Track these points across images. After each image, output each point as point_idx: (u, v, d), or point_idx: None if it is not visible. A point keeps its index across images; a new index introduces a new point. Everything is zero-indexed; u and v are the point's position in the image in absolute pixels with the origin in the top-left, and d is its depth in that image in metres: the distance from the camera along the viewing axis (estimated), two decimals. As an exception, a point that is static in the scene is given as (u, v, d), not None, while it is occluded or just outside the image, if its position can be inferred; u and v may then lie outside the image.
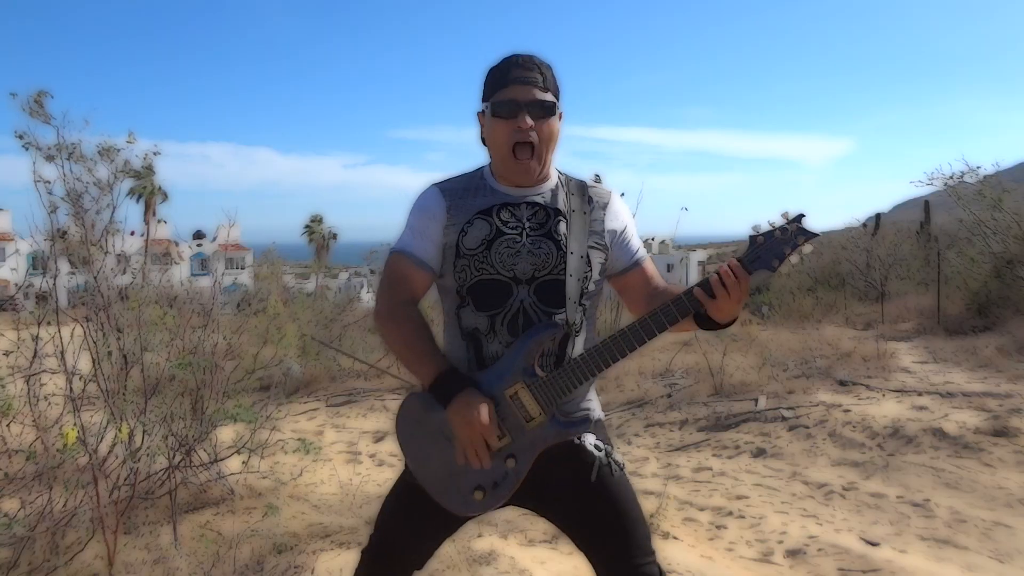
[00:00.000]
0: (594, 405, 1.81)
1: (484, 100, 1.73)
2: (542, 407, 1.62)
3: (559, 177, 1.81)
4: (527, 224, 1.72)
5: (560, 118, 1.74)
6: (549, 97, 1.69)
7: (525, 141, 1.67)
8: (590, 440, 1.73)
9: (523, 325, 1.67)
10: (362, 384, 8.77)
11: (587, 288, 1.73)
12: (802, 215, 1.59)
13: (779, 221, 1.61)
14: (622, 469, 1.74)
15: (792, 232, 1.59)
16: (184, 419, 3.78)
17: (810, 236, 1.58)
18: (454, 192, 1.76)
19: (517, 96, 1.66)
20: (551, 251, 1.70)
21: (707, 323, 1.65)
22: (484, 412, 1.59)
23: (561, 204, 1.75)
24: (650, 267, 1.84)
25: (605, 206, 1.79)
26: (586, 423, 1.70)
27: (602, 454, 1.73)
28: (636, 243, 1.84)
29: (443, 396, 1.62)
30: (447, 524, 1.81)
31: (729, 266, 1.58)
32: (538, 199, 1.75)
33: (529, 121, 1.66)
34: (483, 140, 1.80)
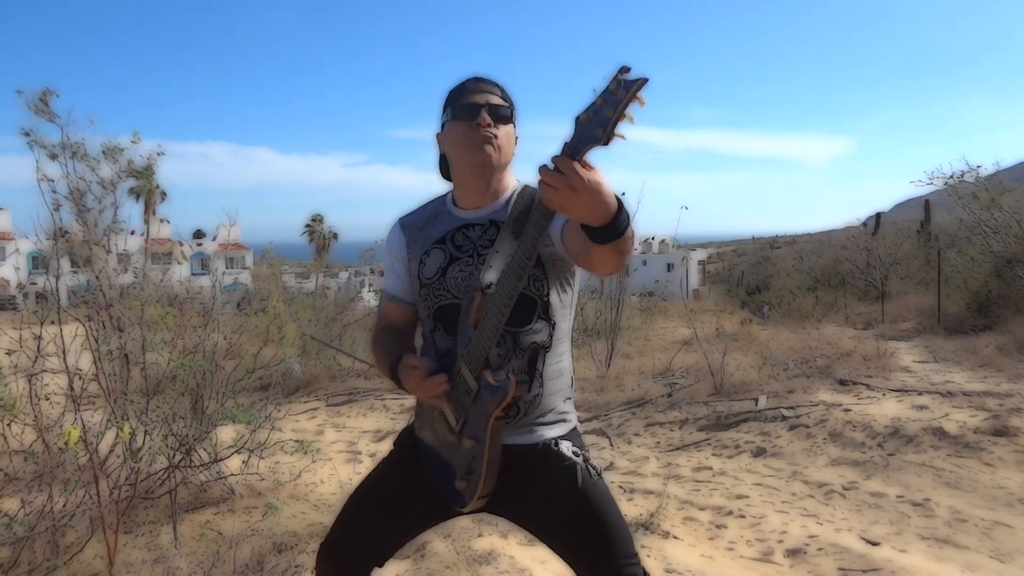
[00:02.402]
0: (571, 416, 1.81)
1: (443, 111, 1.76)
2: (475, 377, 1.62)
3: (513, 190, 1.79)
4: (477, 244, 1.74)
5: (516, 141, 1.77)
6: (507, 105, 1.73)
7: (484, 136, 1.68)
8: (567, 446, 1.73)
9: None
10: (362, 383, 8.78)
11: (538, 288, 1.69)
12: (624, 67, 1.26)
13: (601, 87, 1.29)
14: (599, 474, 1.74)
15: (610, 91, 1.26)
16: (184, 419, 3.78)
17: (632, 85, 1.24)
18: (414, 226, 1.84)
19: (477, 99, 1.70)
20: None
21: (593, 233, 1.37)
22: (418, 361, 1.66)
23: (502, 227, 1.72)
24: None
25: None
26: (505, 383, 1.57)
27: (580, 459, 1.72)
28: None
29: (397, 378, 1.72)
30: (408, 525, 1.86)
31: (554, 159, 1.31)
32: (493, 217, 1.75)
33: (488, 119, 1.69)
34: (441, 170, 1.84)
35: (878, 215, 25.72)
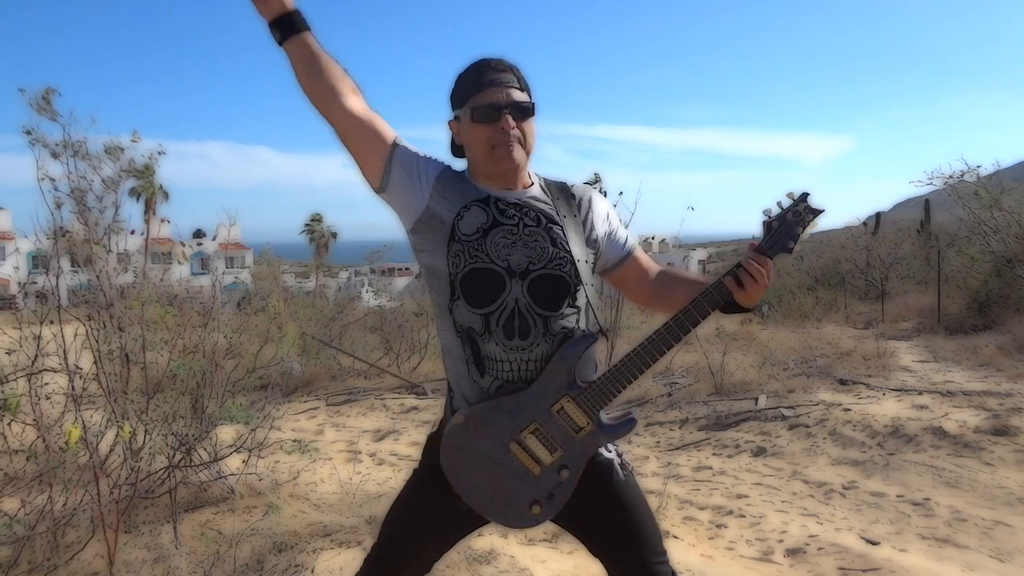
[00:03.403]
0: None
1: (458, 106, 1.71)
2: (588, 416, 1.66)
3: (538, 181, 1.78)
4: (525, 219, 1.69)
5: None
6: (527, 98, 1.69)
7: (509, 143, 1.64)
8: None
9: (519, 328, 1.63)
10: (362, 383, 8.78)
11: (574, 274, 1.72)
12: (806, 193, 1.72)
13: (786, 202, 1.72)
14: (631, 471, 1.76)
15: (801, 212, 1.71)
16: (184, 418, 3.78)
17: (817, 212, 1.71)
18: (455, 177, 1.73)
19: (498, 98, 1.65)
20: (546, 247, 1.67)
21: (732, 308, 1.72)
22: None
23: (550, 210, 1.72)
24: (643, 255, 1.87)
25: (589, 206, 1.78)
26: (632, 423, 1.72)
27: (613, 455, 1.74)
28: (624, 234, 1.84)
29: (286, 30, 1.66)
30: (453, 533, 1.82)
31: (756, 256, 1.67)
32: (528, 200, 1.73)
33: (512, 122, 1.65)
34: (453, 150, 1.79)
35: (878, 214, 25.68)
